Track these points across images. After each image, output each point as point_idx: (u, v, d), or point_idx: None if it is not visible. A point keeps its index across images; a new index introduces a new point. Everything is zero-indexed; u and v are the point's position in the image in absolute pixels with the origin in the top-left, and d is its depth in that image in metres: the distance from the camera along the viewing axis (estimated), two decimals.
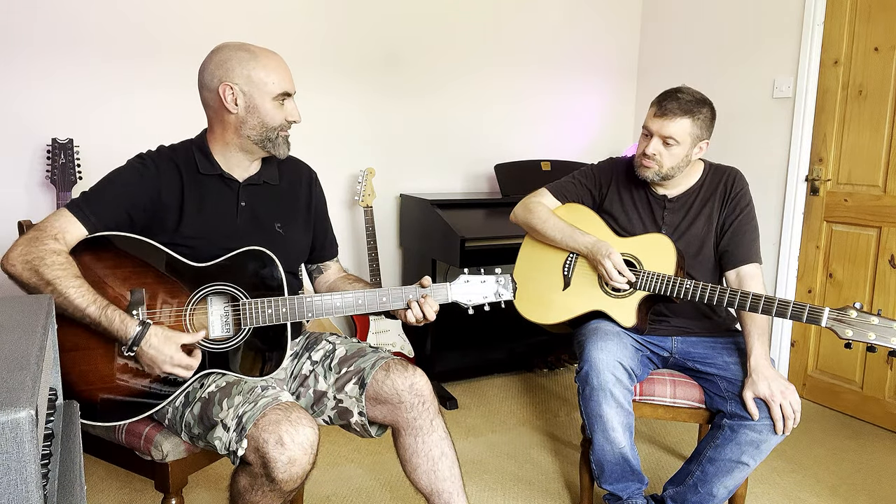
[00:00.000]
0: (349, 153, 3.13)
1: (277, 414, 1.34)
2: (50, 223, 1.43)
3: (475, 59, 3.36)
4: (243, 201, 1.60)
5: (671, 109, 1.83)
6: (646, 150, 1.88)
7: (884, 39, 2.68)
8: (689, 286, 1.78)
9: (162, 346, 1.39)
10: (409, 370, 1.57)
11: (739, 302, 1.70)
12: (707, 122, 1.87)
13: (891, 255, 2.70)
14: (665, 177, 1.90)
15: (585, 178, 2.09)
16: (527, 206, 2.09)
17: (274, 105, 1.52)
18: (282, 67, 1.53)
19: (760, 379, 1.72)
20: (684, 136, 1.84)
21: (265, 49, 1.54)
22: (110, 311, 1.38)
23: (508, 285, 1.64)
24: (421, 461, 1.59)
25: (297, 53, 2.91)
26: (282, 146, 1.57)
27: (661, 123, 1.85)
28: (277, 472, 1.31)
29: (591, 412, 1.82)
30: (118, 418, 1.45)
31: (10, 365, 0.83)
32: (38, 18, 2.45)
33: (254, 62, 1.50)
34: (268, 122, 1.53)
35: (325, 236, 1.79)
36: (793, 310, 1.61)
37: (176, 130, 2.68)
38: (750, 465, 1.75)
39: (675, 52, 3.58)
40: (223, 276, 1.51)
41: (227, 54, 1.51)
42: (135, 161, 1.56)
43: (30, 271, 1.36)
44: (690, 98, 1.85)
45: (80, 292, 1.36)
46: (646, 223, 1.97)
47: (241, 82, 1.50)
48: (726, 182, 1.96)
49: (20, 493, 0.74)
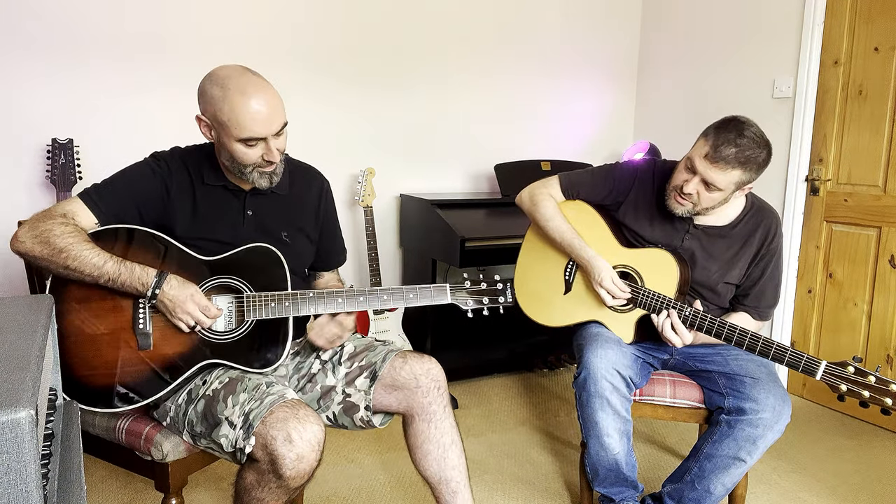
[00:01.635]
0: (349, 153, 3.12)
1: (285, 411, 1.36)
2: (61, 206, 1.47)
3: (476, 59, 3.36)
4: (250, 210, 1.61)
5: (725, 158, 1.65)
6: (684, 187, 1.74)
7: (884, 39, 2.68)
8: (689, 314, 1.74)
9: (181, 286, 1.44)
10: (425, 358, 1.62)
11: (738, 339, 1.68)
12: (759, 168, 1.69)
13: (891, 255, 2.70)
14: (696, 213, 1.80)
15: (602, 181, 1.97)
16: (534, 196, 2.02)
17: (241, 146, 1.46)
18: (254, 112, 1.42)
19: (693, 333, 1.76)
20: (729, 184, 1.69)
21: (248, 86, 1.42)
22: (128, 263, 1.43)
23: (508, 291, 1.65)
24: (432, 448, 1.61)
25: (297, 53, 2.91)
26: (258, 180, 1.53)
27: (709, 168, 1.68)
28: (285, 468, 1.32)
29: (586, 418, 1.82)
30: (119, 405, 1.45)
31: (10, 365, 0.83)
32: (38, 19, 2.45)
33: (222, 102, 1.42)
34: (238, 159, 1.50)
35: (332, 246, 1.80)
36: (790, 357, 1.59)
37: (176, 131, 2.69)
38: (747, 462, 1.74)
39: (675, 52, 3.58)
40: (229, 270, 1.54)
41: (206, 86, 1.46)
42: (149, 159, 1.58)
43: (41, 244, 1.40)
44: (751, 144, 1.65)
45: (95, 251, 1.41)
46: (661, 245, 1.88)
47: (209, 118, 1.48)
48: (765, 235, 1.84)
49: (20, 493, 0.74)
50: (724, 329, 1.70)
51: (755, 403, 1.71)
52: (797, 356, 1.58)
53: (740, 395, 1.75)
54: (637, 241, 1.93)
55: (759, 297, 1.89)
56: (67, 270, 1.41)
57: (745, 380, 1.77)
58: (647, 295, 1.81)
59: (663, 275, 1.82)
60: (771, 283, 1.89)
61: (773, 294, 1.90)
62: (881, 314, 2.73)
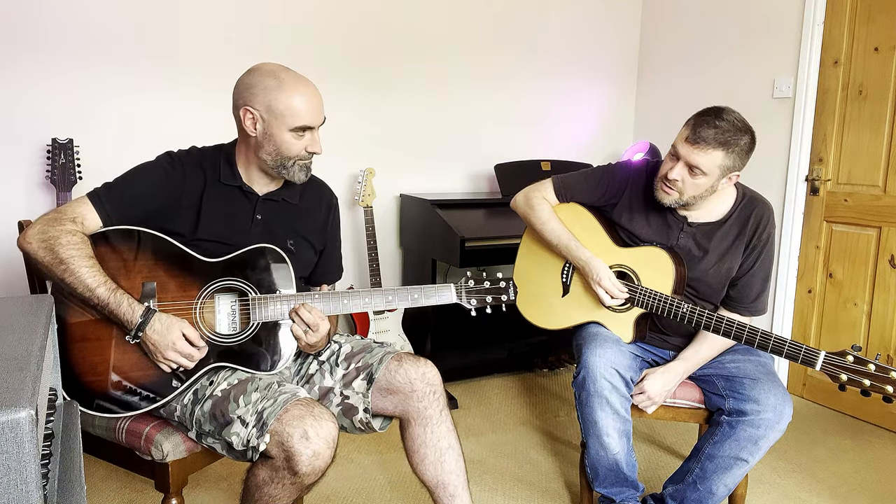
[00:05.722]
0: (349, 153, 3.12)
1: (300, 409, 1.37)
2: (71, 208, 1.47)
3: (476, 59, 3.36)
4: (259, 214, 1.61)
5: (705, 139, 1.67)
6: (668, 174, 1.75)
7: (884, 39, 2.68)
8: (687, 310, 1.75)
9: (165, 332, 1.43)
10: (421, 361, 1.61)
11: (735, 334, 1.69)
12: (743, 154, 1.71)
13: (891, 255, 2.70)
14: (685, 204, 1.80)
15: (595, 184, 1.98)
16: (529, 200, 2.02)
17: (291, 136, 1.51)
18: (308, 100, 1.51)
19: (667, 373, 1.84)
20: (713, 168, 1.70)
21: (298, 79, 1.52)
22: (119, 294, 1.42)
23: (510, 289, 1.65)
24: (428, 452, 1.60)
25: (297, 53, 2.91)
26: (297, 173, 1.57)
27: (690, 151, 1.69)
28: (301, 465, 1.34)
29: (586, 417, 1.82)
30: (123, 410, 1.46)
31: (10, 365, 0.83)
32: (38, 19, 2.45)
33: (277, 91, 1.48)
34: (283, 152, 1.53)
35: (330, 263, 1.79)
36: (788, 349, 1.59)
37: (176, 131, 2.69)
38: (749, 462, 1.74)
39: (675, 52, 3.58)
40: (234, 272, 1.54)
41: (256, 78, 1.51)
42: (164, 159, 1.58)
43: (45, 250, 1.41)
44: (730, 127, 1.68)
45: (92, 272, 1.41)
46: (655, 243, 1.88)
47: (262, 109, 1.50)
48: (756, 224, 1.84)
49: (20, 493, 0.74)
50: (721, 324, 1.70)
51: (756, 404, 1.71)
52: (796, 347, 1.58)
53: (740, 396, 1.75)
54: (632, 240, 1.93)
55: (747, 289, 1.88)
56: (63, 283, 1.41)
57: (744, 381, 1.77)
58: (645, 293, 1.81)
59: (660, 273, 1.83)
60: (759, 276, 1.87)
61: (761, 287, 1.89)
62: (881, 314, 2.73)
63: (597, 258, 1.86)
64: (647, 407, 1.85)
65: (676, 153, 1.74)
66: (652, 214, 1.90)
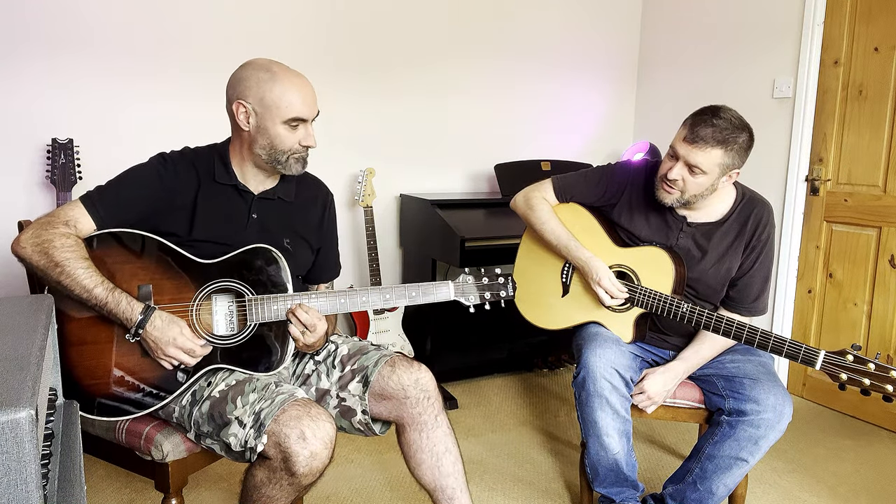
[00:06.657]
0: (349, 153, 3.12)
1: (297, 409, 1.37)
2: (64, 211, 1.47)
3: (476, 59, 3.36)
4: (255, 213, 1.61)
5: (703, 137, 1.68)
6: (668, 174, 1.75)
7: (884, 39, 2.68)
8: (686, 310, 1.75)
9: (166, 328, 1.43)
10: (415, 366, 1.59)
11: (735, 333, 1.69)
12: (741, 151, 1.71)
13: (891, 255, 2.70)
14: (685, 203, 1.81)
15: (595, 184, 1.98)
16: (528, 200, 2.02)
17: (284, 128, 1.51)
18: (301, 92, 1.50)
19: (666, 373, 1.84)
20: (713, 166, 1.70)
21: (291, 72, 1.52)
22: (117, 293, 1.41)
23: (509, 284, 1.65)
24: (425, 457, 1.60)
25: (297, 53, 2.91)
26: (293, 166, 1.56)
27: (689, 150, 1.70)
28: (299, 465, 1.33)
29: (586, 417, 1.82)
30: (123, 413, 1.46)
31: (10, 365, 0.83)
32: (38, 19, 2.45)
33: (270, 84, 1.48)
34: (277, 146, 1.52)
35: (328, 260, 1.79)
36: (788, 348, 1.59)
37: (176, 131, 2.69)
38: (749, 462, 1.74)
39: (676, 52, 3.58)
40: (229, 273, 1.53)
41: (248, 72, 1.50)
42: (156, 160, 1.57)
43: (39, 253, 1.40)
44: (727, 125, 1.68)
45: (88, 273, 1.40)
46: (654, 243, 1.88)
47: (254, 102, 1.49)
48: (755, 224, 1.83)
49: (20, 493, 0.74)
50: (721, 324, 1.70)
51: (756, 404, 1.71)
52: (795, 347, 1.58)
53: (740, 396, 1.75)
54: (632, 240, 1.93)
55: (746, 290, 1.88)
56: (60, 286, 1.41)
57: (743, 381, 1.77)
58: (644, 293, 1.81)
59: (659, 272, 1.83)
60: (759, 276, 1.87)
61: (761, 287, 1.89)
62: (881, 314, 2.73)
63: (596, 258, 1.86)
64: (647, 407, 1.85)
65: (675, 153, 1.75)
66: (651, 214, 1.90)
